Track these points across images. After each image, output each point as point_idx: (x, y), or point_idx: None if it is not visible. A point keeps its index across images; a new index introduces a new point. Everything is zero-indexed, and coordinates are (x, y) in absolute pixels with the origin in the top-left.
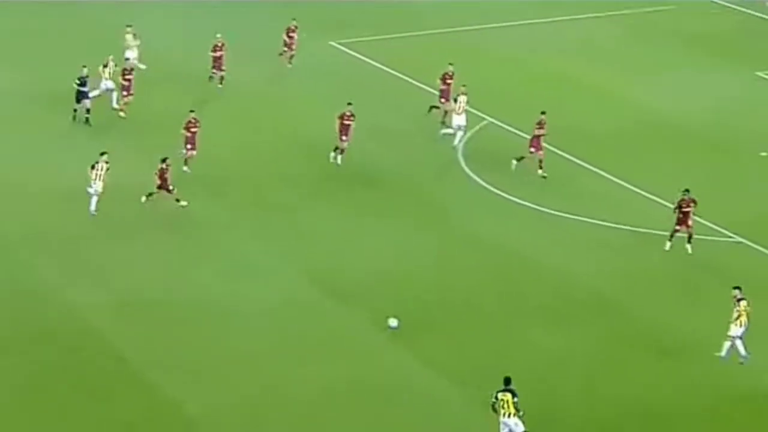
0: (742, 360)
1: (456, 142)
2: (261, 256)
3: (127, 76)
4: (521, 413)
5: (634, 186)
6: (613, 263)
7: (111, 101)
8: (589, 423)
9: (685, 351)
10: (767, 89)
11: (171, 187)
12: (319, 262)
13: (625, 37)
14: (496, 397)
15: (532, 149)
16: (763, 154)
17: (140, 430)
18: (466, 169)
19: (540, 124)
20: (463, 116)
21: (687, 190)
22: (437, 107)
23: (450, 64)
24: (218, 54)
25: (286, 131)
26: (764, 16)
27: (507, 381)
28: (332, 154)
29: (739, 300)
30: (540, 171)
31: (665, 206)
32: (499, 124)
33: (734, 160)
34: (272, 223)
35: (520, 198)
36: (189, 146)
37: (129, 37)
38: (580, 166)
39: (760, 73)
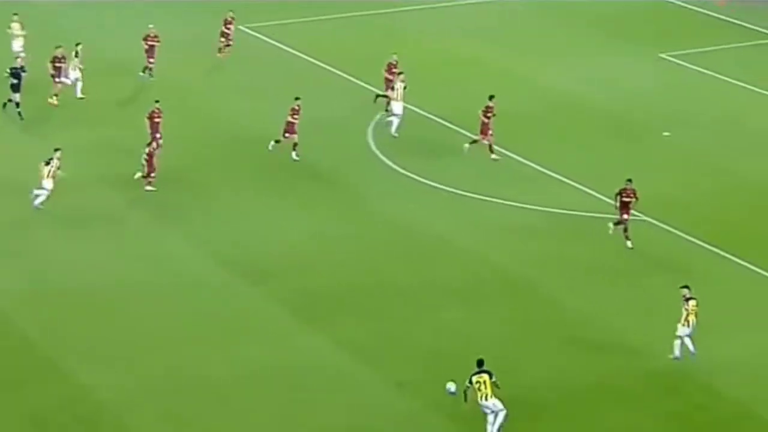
0: (691, 357)
1: (393, 130)
2: (174, 240)
3: (57, 65)
4: (498, 387)
5: (544, 167)
6: (525, 244)
7: (75, 91)
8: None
9: (595, 329)
10: (670, 70)
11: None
12: (233, 246)
13: (532, 20)
14: (471, 381)
15: (486, 135)
16: (666, 133)
17: (51, 417)
18: (378, 153)
19: (486, 111)
20: (401, 104)
21: (629, 180)
22: (384, 96)
23: (393, 53)
24: (150, 44)
25: (206, 120)
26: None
27: (480, 363)
28: (293, 153)
29: (687, 299)
30: (466, 146)
31: (575, 187)
32: (411, 107)
33: (639, 140)
34: (187, 209)
35: (432, 181)
36: (158, 135)
37: (15, 26)
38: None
39: (663, 55)
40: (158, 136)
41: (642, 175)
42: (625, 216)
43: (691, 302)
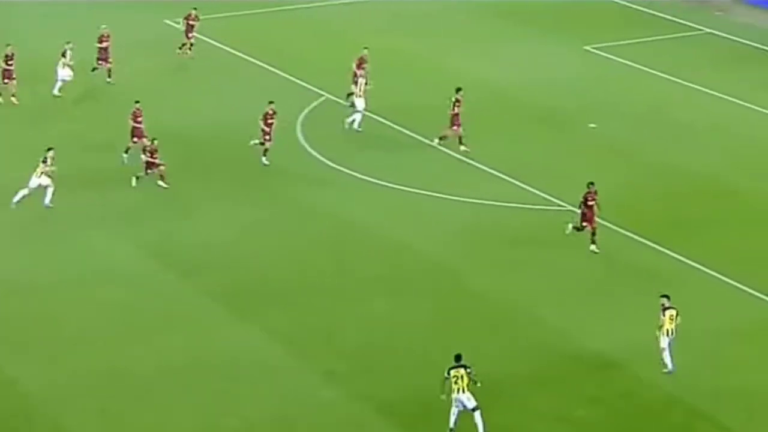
0: (667, 371)
1: (356, 126)
2: (105, 235)
3: (9, 62)
4: (478, 384)
5: (471, 159)
6: (452, 235)
7: (53, 88)
8: (426, 391)
9: (520, 317)
10: (595, 63)
11: (160, 165)
12: (164, 239)
13: (457, 11)
14: (449, 373)
15: (455, 127)
16: (592, 125)
17: None
18: (306, 146)
19: (456, 102)
20: (362, 99)
21: (591, 183)
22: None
23: (365, 48)
24: (104, 45)
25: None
26: None
27: (458, 358)
28: (263, 158)
29: (665, 309)
30: (462, 147)
31: (502, 179)
32: (337, 99)
33: (565, 132)
34: (118, 205)
35: (359, 173)
36: (136, 138)
37: None
38: (416, 140)
39: (588, 47)
40: (135, 138)
41: (568, 166)
42: (585, 224)
43: (668, 312)
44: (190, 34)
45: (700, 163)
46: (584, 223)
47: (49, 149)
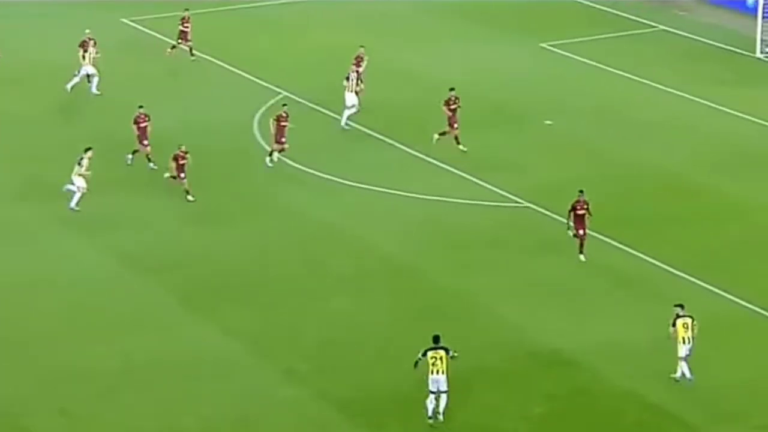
0: (679, 379)
1: (342, 122)
2: (65, 235)
3: None
4: (452, 356)
5: (429, 156)
6: (410, 232)
7: (91, 86)
8: (387, 388)
9: (479, 313)
10: (551, 60)
11: (183, 176)
12: (124, 238)
13: (414, 9)
14: (425, 354)
15: (456, 125)
16: (549, 122)
17: None
18: (263, 144)
19: (448, 102)
20: (353, 95)
21: (581, 191)
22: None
23: (361, 46)
24: (87, 50)
25: (99, 120)
26: None
27: (436, 339)
28: (268, 158)
29: (678, 317)
30: (435, 135)
31: (458, 175)
32: (295, 98)
33: (521, 129)
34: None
35: (318, 171)
36: (146, 142)
37: None
38: (375, 138)
39: (544, 45)
40: (146, 142)
41: (526, 162)
42: (581, 231)
43: (680, 321)
44: (187, 41)
45: (659, 161)
46: (580, 231)
47: (88, 149)
